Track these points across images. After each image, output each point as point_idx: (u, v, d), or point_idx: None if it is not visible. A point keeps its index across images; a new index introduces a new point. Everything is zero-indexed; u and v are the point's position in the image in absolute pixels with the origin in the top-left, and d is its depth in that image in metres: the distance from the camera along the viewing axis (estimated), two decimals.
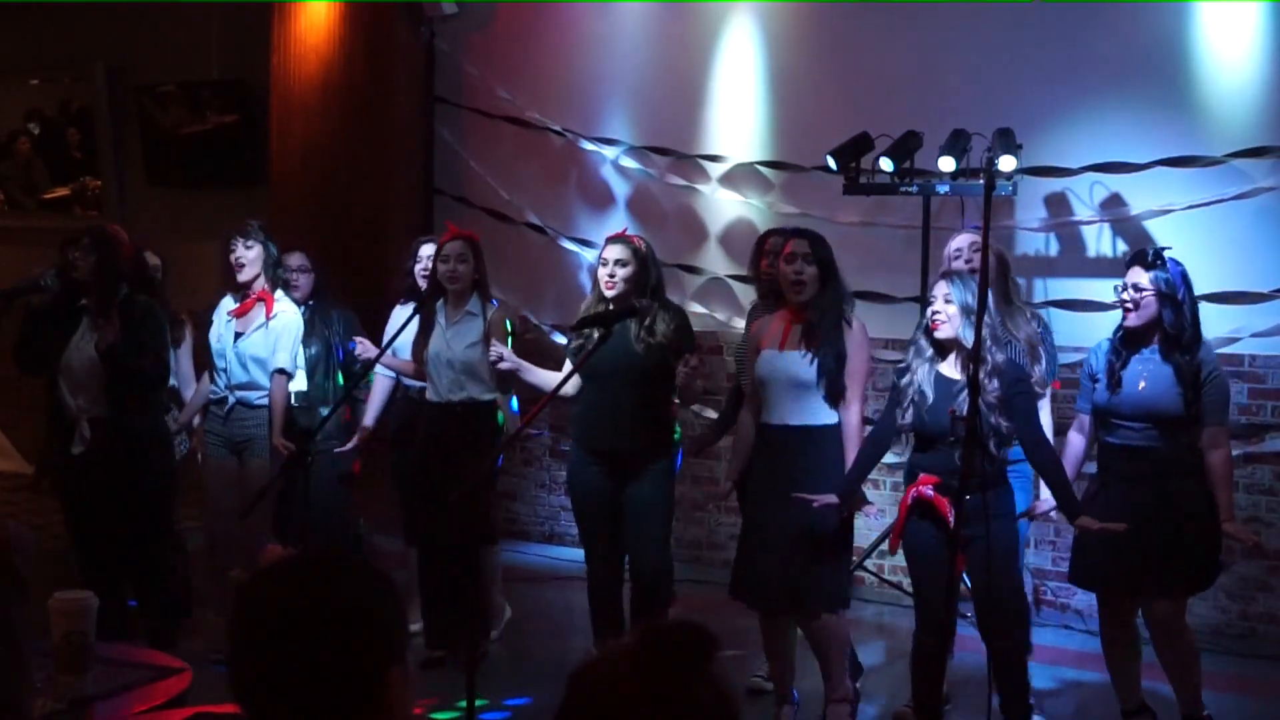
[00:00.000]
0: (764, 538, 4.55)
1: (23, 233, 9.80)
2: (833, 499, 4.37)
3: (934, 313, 4.27)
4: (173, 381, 5.77)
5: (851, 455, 4.48)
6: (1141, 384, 4.37)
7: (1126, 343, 4.43)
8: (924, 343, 4.33)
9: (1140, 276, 4.37)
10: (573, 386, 4.93)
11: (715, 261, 7.23)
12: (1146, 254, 4.42)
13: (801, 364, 4.48)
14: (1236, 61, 6.08)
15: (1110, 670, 4.62)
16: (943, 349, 4.30)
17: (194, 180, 8.94)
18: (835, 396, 4.50)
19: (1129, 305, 4.39)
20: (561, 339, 7.47)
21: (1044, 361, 4.75)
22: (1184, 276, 4.40)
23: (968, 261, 4.78)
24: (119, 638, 4.73)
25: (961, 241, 4.92)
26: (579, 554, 7.25)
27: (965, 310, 4.18)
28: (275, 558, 2.19)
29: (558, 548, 7.62)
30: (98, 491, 5.16)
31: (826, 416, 4.51)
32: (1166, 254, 4.42)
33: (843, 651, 4.69)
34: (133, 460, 5.19)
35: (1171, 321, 4.33)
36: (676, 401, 5.07)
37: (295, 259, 5.88)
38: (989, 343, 4.12)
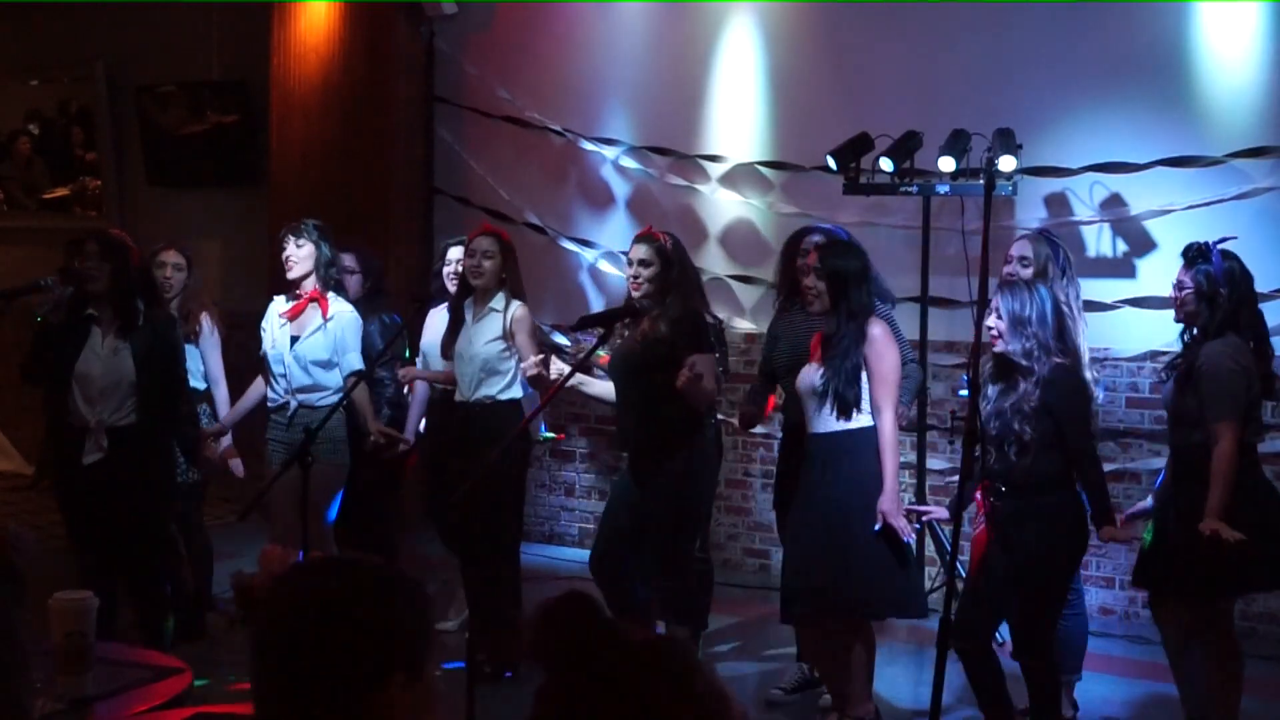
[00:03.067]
0: (793, 542, 4.60)
1: (23, 233, 9.81)
2: (943, 512, 4.63)
3: (988, 327, 4.20)
4: (201, 383, 5.73)
5: (888, 462, 4.41)
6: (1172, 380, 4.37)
7: (1188, 340, 4.37)
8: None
9: (1183, 274, 4.32)
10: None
11: (715, 261, 7.23)
12: (1189, 249, 4.34)
13: (816, 375, 4.47)
14: (1236, 61, 6.08)
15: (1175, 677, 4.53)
16: (1003, 361, 4.24)
17: (194, 180, 8.94)
18: (843, 408, 4.44)
19: (1175, 303, 4.34)
20: (561, 339, 7.48)
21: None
22: (1231, 272, 4.26)
23: (1015, 271, 4.79)
24: (119, 638, 4.73)
25: (1016, 249, 4.85)
26: (579, 554, 7.30)
27: (1015, 321, 4.14)
28: (274, 557, 2.20)
29: (558, 548, 7.62)
30: (112, 498, 5.11)
31: (833, 425, 4.46)
32: (1221, 246, 4.29)
33: (869, 665, 4.61)
34: (150, 467, 5.18)
35: (1206, 320, 4.25)
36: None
37: (345, 259, 5.73)
38: (1037, 351, 4.11)
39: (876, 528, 4.34)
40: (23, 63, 9.71)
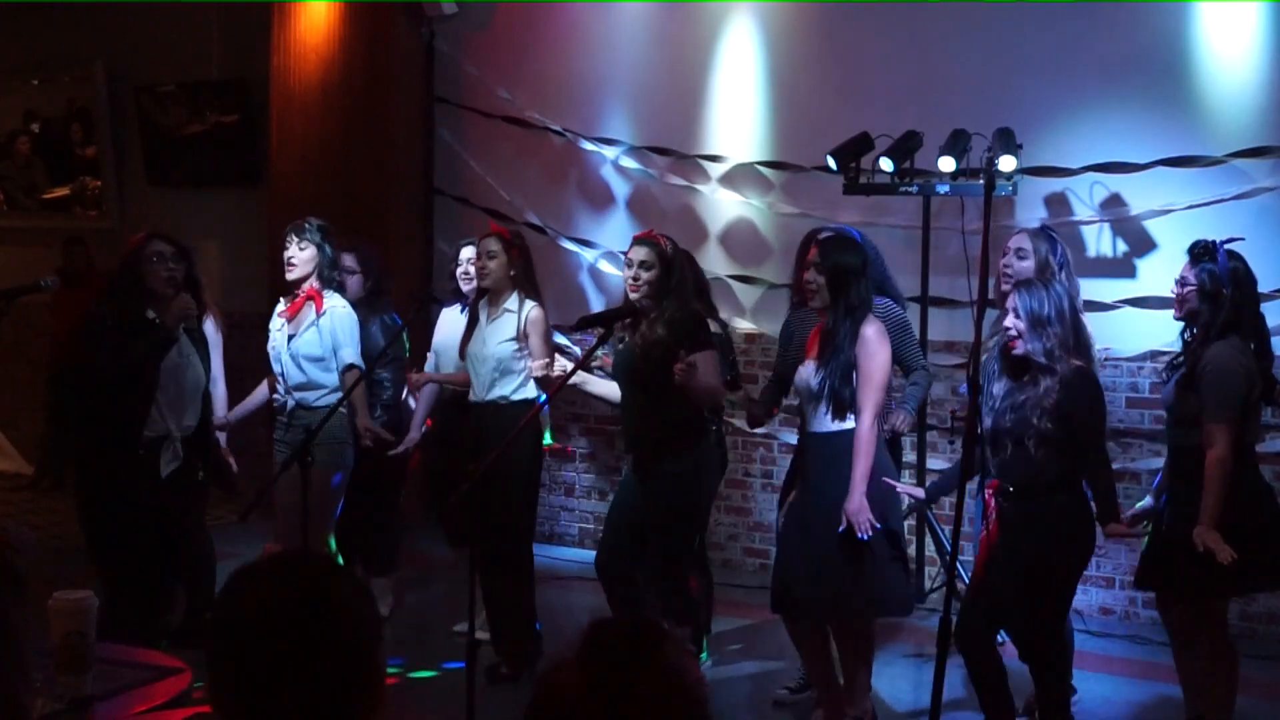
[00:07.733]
0: (789, 541, 4.62)
1: (23, 233, 9.82)
2: (919, 492, 4.57)
3: (1006, 328, 4.14)
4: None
5: (861, 463, 4.36)
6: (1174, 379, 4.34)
7: (1190, 338, 4.33)
8: (999, 353, 4.22)
9: (1187, 270, 4.28)
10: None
11: (715, 261, 7.23)
12: (1196, 246, 4.29)
13: (813, 375, 4.48)
14: (1236, 61, 6.08)
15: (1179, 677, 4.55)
16: (1018, 362, 4.16)
17: (194, 180, 8.95)
18: (839, 409, 4.44)
19: (1176, 300, 4.31)
20: (561, 339, 7.48)
21: None
22: (1235, 272, 4.23)
23: (1011, 263, 4.77)
24: (134, 639, 4.72)
25: (1014, 241, 4.83)
26: (579, 554, 7.31)
27: (1035, 321, 4.07)
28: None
29: (558, 548, 7.62)
30: (180, 503, 5.21)
31: (830, 425, 4.48)
32: (1228, 246, 4.25)
33: (867, 664, 4.66)
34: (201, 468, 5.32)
35: (1207, 319, 4.20)
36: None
37: (345, 259, 5.67)
38: (1058, 351, 4.04)
39: (840, 529, 4.33)
40: (23, 63, 9.72)
